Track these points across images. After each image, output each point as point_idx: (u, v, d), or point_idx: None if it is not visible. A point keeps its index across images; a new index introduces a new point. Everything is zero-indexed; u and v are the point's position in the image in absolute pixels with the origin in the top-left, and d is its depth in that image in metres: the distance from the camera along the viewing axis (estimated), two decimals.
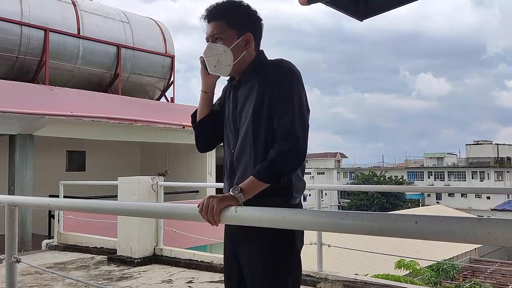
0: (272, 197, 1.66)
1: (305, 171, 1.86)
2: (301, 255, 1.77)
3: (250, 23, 1.82)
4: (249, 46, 1.80)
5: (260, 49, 1.87)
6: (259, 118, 1.72)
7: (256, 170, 1.64)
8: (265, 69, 1.77)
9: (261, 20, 1.85)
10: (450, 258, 18.02)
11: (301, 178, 1.78)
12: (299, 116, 1.67)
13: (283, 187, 1.70)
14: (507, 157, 52.18)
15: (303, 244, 1.79)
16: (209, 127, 1.91)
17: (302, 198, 1.84)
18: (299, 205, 1.78)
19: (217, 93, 1.96)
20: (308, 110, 1.76)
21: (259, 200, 1.62)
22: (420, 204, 47.49)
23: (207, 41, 1.81)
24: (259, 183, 1.62)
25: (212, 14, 1.79)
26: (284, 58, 1.79)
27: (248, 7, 1.82)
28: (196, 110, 1.95)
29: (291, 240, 1.72)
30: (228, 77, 1.90)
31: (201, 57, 1.84)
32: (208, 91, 1.90)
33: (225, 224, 1.81)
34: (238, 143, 1.78)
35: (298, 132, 1.65)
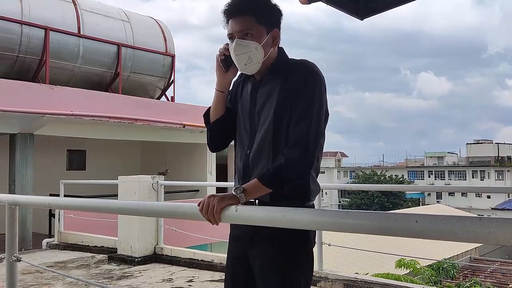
0: (289, 200, 1.64)
1: None
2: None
3: (275, 19, 1.74)
4: (276, 43, 1.73)
5: (280, 46, 1.77)
6: (281, 119, 1.66)
7: (262, 173, 1.62)
8: (288, 69, 1.71)
9: (282, 14, 1.75)
10: (450, 257, 18.02)
11: (317, 182, 1.75)
12: (315, 125, 1.63)
13: (300, 190, 1.68)
14: (507, 156, 52.14)
15: (315, 243, 1.77)
16: (224, 127, 1.83)
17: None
18: (312, 207, 1.75)
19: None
20: (327, 114, 1.72)
21: (275, 201, 1.61)
22: (421, 203, 47.44)
23: (230, 38, 1.70)
24: (262, 187, 1.59)
25: (238, 9, 1.67)
26: (307, 59, 1.72)
27: (270, 1, 1.73)
28: (208, 109, 1.85)
29: (304, 239, 1.68)
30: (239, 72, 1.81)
31: (219, 55, 1.75)
32: (224, 90, 1.79)
33: (233, 224, 1.79)
34: (255, 144, 1.72)
35: (310, 141, 1.61)
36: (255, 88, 1.77)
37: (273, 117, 1.67)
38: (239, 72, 1.79)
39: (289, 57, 1.78)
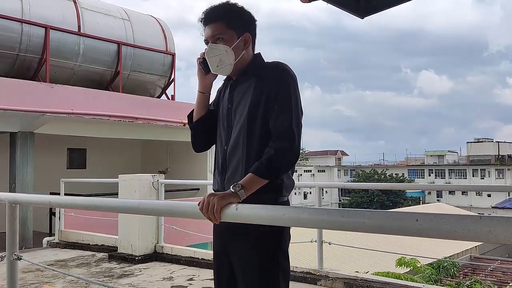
0: (263, 194, 1.69)
1: (306, 169, 1.89)
2: (298, 251, 1.79)
3: (247, 24, 1.89)
4: (248, 46, 1.87)
5: (258, 51, 1.93)
6: (255, 116, 1.77)
7: (255, 167, 1.67)
8: (262, 70, 1.83)
9: (256, 20, 1.92)
10: (450, 256, 18.05)
11: (291, 177, 1.84)
12: (295, 117, 1.74)
13: (274, 185, 1.74)
14: (508, 155, 52.12)
15: (290, 238, 1.83)
16: (206, 126, 1.95)
17: (302, 196, 1.86)
18: (287, 203, 1.83)
19: (212, 94, 2.00)
20: (302, 112, 1.82)
21: (251, 195, 1.64)
22: (421, 202, 47.49)
23: (206, 43, 1.86)
24: (258, 180, 1.65)
25: (210, 16, 1.84)
26: (280, 61, 1.85)
27: (243, 8, 1.89)
28: (193, 110, 1.99)
29: (279, 235, 1.76)
30: (225, 77, 1.95)
31: (198, 58, 1.89)
32: (205, 92, 1.95)
33: None
34: (231, 140, 1.82)
35: (294, 131, 1.72)
36: (232, 88, 1.90)
37: (247, 113, 1.78)
38: (219, 76, 1.92)
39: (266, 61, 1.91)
